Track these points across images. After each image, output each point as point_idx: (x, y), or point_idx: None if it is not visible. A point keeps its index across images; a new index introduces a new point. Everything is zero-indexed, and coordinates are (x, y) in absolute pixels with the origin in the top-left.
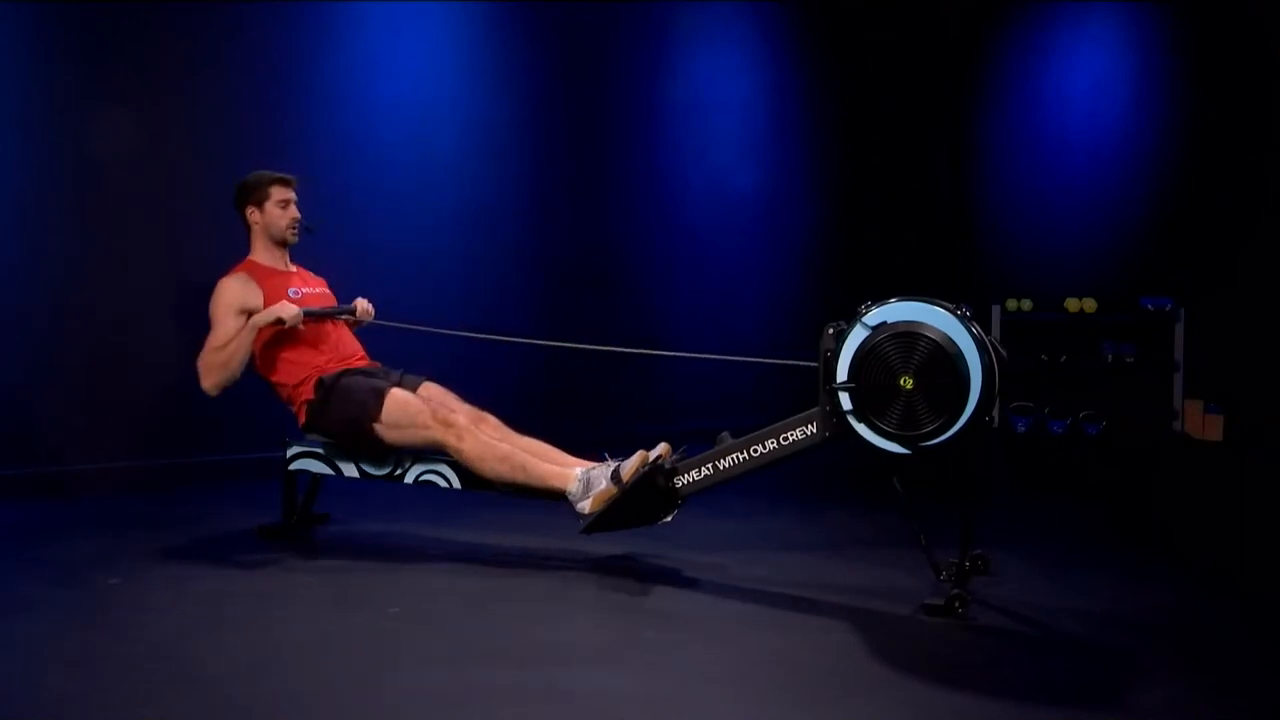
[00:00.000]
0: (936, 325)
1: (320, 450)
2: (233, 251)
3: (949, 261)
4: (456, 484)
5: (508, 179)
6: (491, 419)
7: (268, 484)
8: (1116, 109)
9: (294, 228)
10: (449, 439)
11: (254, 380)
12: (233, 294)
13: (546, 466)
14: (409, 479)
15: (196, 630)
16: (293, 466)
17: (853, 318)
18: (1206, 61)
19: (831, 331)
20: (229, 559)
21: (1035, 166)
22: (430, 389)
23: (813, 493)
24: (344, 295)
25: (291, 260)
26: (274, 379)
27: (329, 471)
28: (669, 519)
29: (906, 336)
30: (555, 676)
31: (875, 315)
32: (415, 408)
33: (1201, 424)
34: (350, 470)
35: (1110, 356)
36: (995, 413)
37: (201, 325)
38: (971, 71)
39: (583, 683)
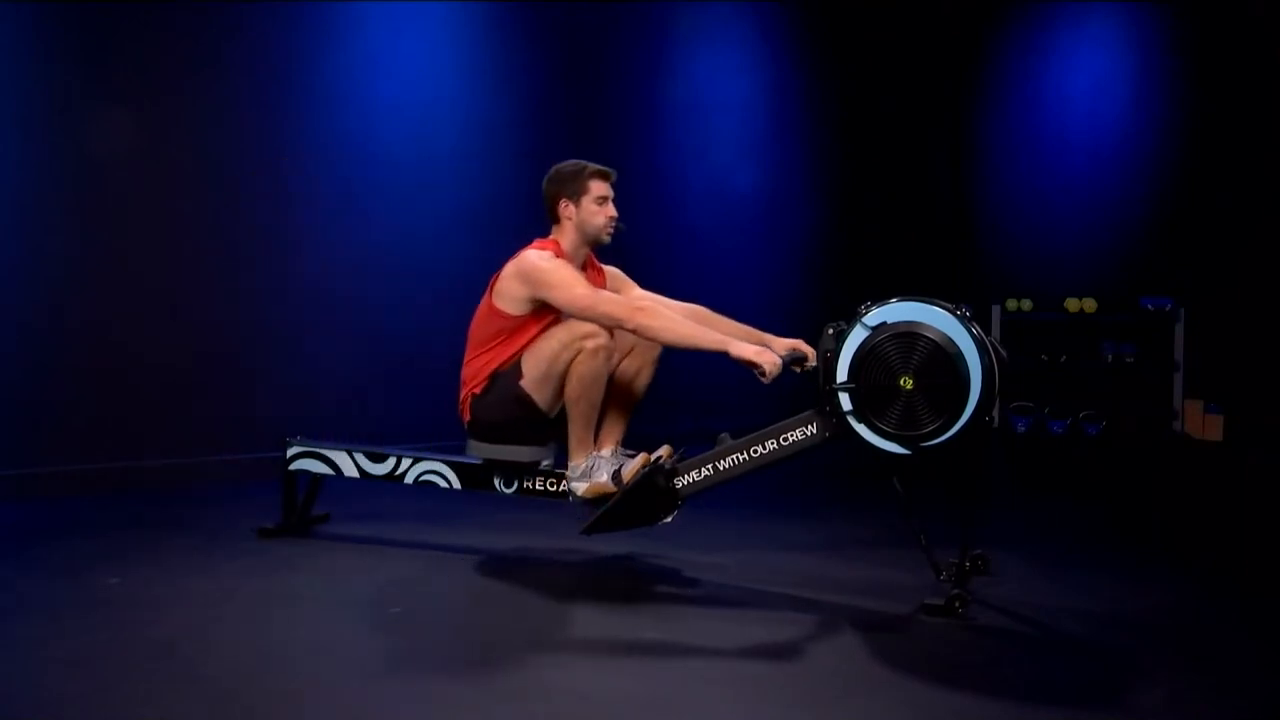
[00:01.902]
0: (936, 325)
1: (320, 450)
2: (233, 249)
3: (949, 261)
4: (456, 484)
5: (508, 179)
6: (651, 352)
7: (268, 484)
8: (1116, 109)
9: (611, 228)
10: (575, 350)
11: (254, 380)
12: (576, 271)
13: (587, 433)
14: (409, 479)
15: (196, 630)
16: (293, 466)
17: (853, 318)
18: (1206, 61)
19: (831, 331)
20: (229, 559)
21: (1035, 166)
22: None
23: (813, 493)
24: (347, 297)
25: (599, 265)
26: (467, 368)
27: (329, 471)
28: (669, 519)
29: (906, 337)
30: (555, 676)
31: (875, 315)
32: (543, 341)
33: (1201, 424)
34: (350, 470)
35: (1110, 356)
36: (995, 413)
37: (201, 326)
38: (971, 71)
39: (583, 683)
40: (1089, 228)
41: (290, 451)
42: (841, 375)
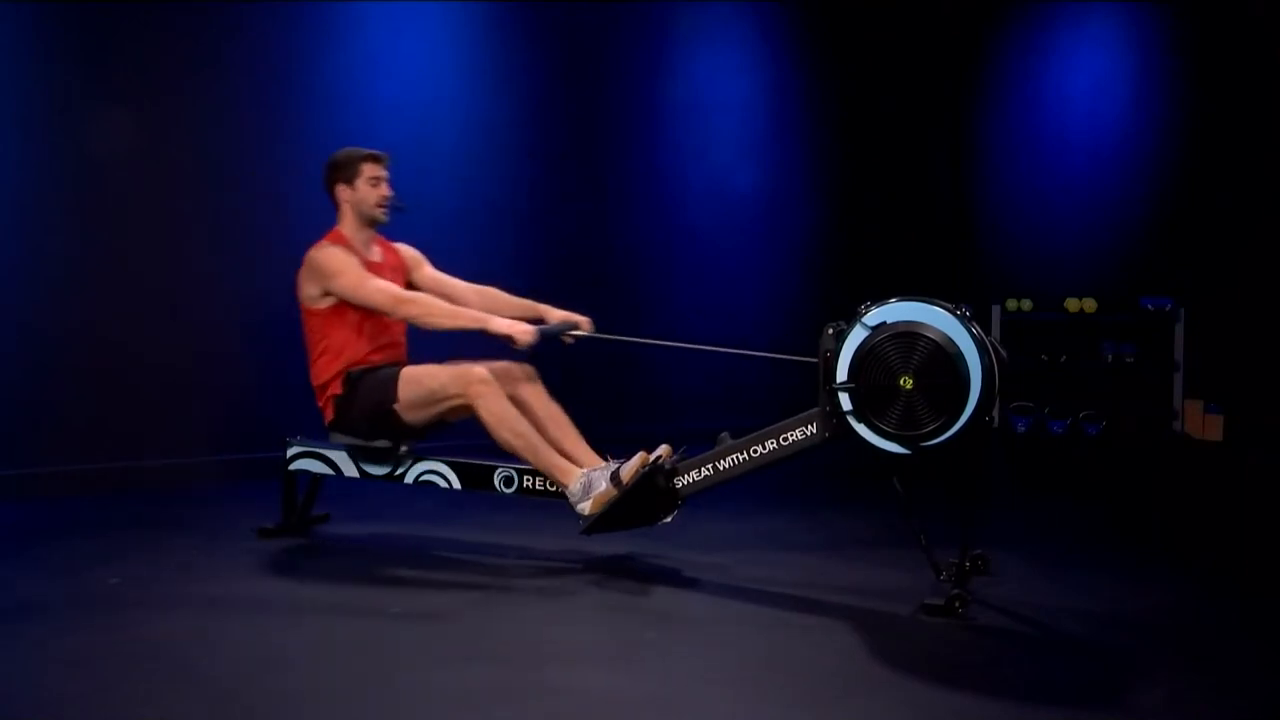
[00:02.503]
0: (936, 325)
1: (320, 450)
2: (232, 250)
3: (949, 261)
4: (456, 484)
5: (508, 179)
6: (527, 374)
7: (268, 484)
8: (1116, 109)
9: (384, 206)
10: (470, 399)
11: (254, 380)
12: (352, 258)
13: (555, 458)
14: (409, 479)
15: (196, 630)
16: (293, 466)
17: (852, 318)
18: (1206, 61)
19: (831, 331)
20: (229, 559)
21: (1035, 166)
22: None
23: (813, 493)
24: None
25: (384, 241)
26: (315, 369)
27: (329, 471)
28: (669, 519)
29: (906, 337)
30: (555, 676)
31: (875, 315)
32: (428, 376)
33: (1201, 424)
34: (350, 470)
35: (1110, 356)
36: (995, 413)
37: (201, 326)
38: (971, 71)
39: (583, 683)
40: (1089, 228)
41: (290, 451)
42: (841, 375)
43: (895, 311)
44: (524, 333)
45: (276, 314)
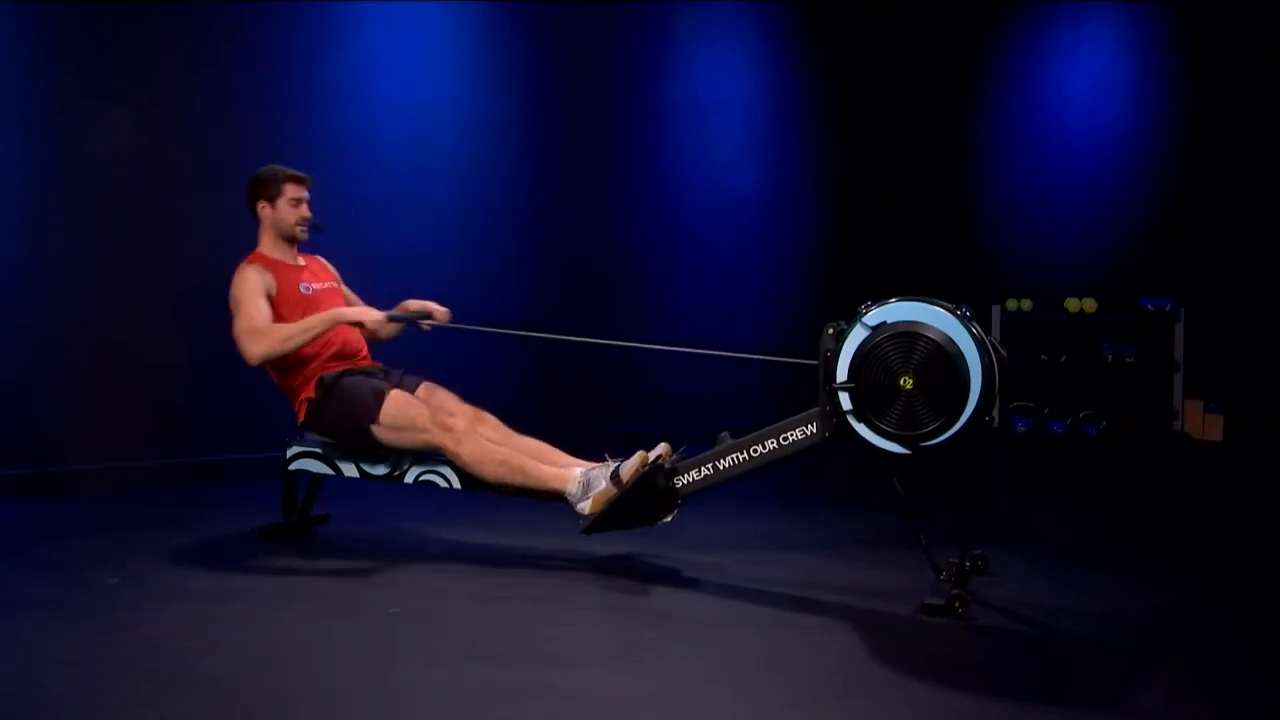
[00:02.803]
0: (936, 325)
1: (320, 450)
2: (232, 250)
3: (949, 261)
4: (456, 484)
5: (508, 179)
6: (490, 419)
7: (268, 484)
8: (1116, 109)
9: (304, 226)
10: (447, 443)
11: (254, 380)
12: (256, 280)
13: (545, 469)
14: (409, 479)
15: (197, 630)
16: (293, 466)
17: (853, 318)
18: (1206, 61)
19: (831, 331)
20: (229, 559)
21: (1035, 166)
22: (430, 390)
23: (813, 493)
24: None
25: (300, 253)
26: (277, 374)
27: (329, 471)
28: (669, 519)
29: (906, 337)
30: (555, 676)
31: (875, 315)
32: (414, 410)
33: (1201, 424)
34: (350, 470)
35: (1110, 356)
36: (995, 413)
37: (201, 326)
38: (971, 71)
39: (583, 683)
40: (1089, 228)
41: (290, 451)
42: (841, 375)
43: (895, 311)
44: (374, 320)
45: None
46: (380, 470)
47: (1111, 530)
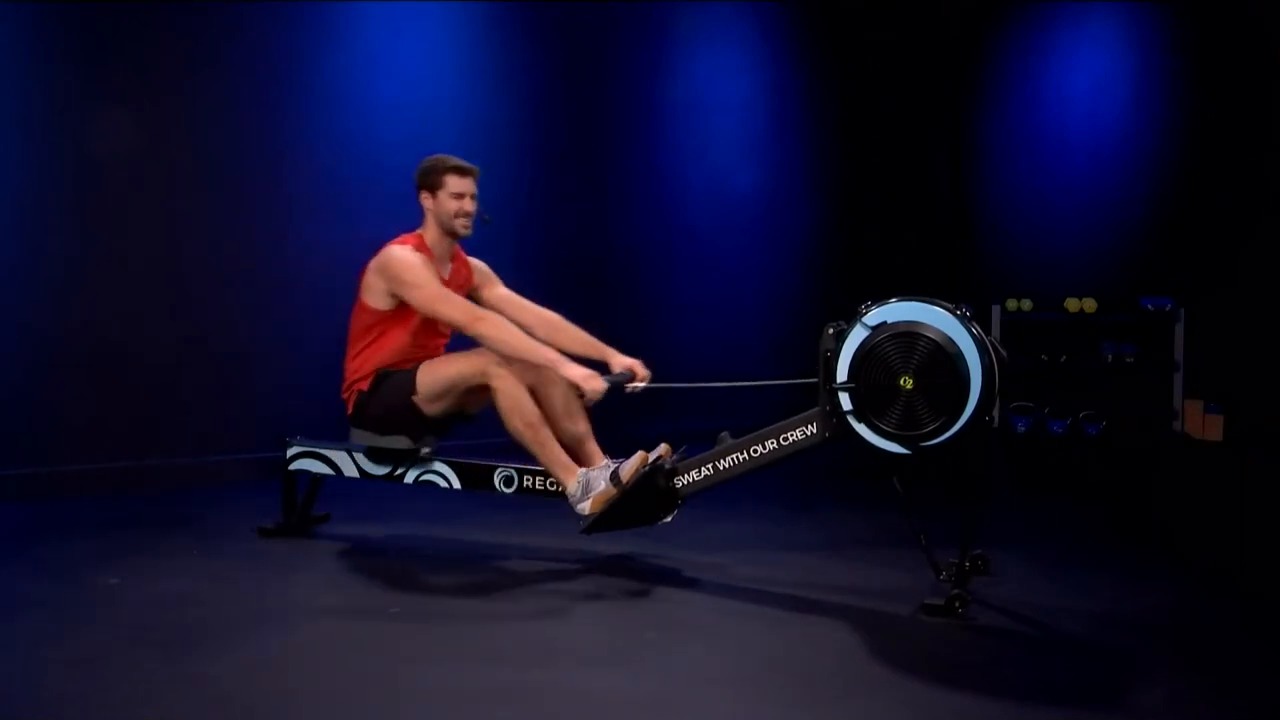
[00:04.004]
0: (936, 325)
1: (320, 450)
2: (232, 250)
3: (949, 261)
4: (456, 484)
5: (507, 179)
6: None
7: (268, 484)
8: (1116, 109)
9: (465, 220)
10: (490, 382)
11: (254, 380)
12: (428, 265)
13: (560, 455)
14: (409, 479)
15: (196, 630)
16: (293, 466)
17: (853, 318)
18: (1206, 61)
19: (831, 331)
20: (229, 559)
21: (1035, 166)
22: None
23: (813, 493)
24: (347, 297)
25: (460, 250)
26: (352, 362)
27: (329, 471)
28: (669, 519)
29: (906, 337)
30: (555, 676)
31: (875, 315)
32: (445, 364)
33: (1201, 424)
34: (350, 470)
35: (1110, 356)
36: (995, 413)
37: (201, 326)
38: (971, 71)
39: (583, 683)
40: (1089, 228)
41: (290, 451)
42: (841, 375)
43: (895, 311)
44: (594, 390)
45: (276, 313)
46: (380, 470)
47: (1111, 530)
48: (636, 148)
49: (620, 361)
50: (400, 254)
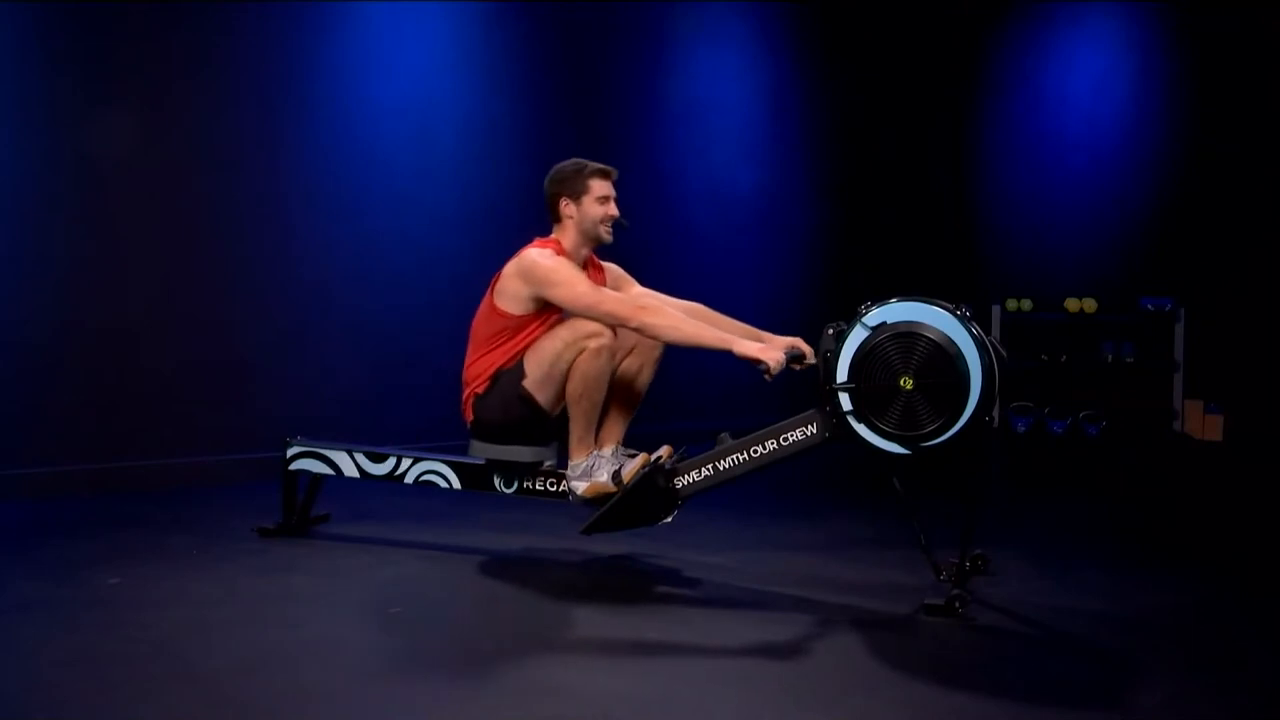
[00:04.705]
0: (936, 325)
1: (320, 450)
2: (232, 250)
3: (949, 261)
4: (456, 484)
5: (508, 179)
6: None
7: (268, 484)
8: (1116, 109)
9: (609, 226)
10: (584, 345)
11: (254, 380)
12: (574, 266)
13: (589, 432)
14: (409, 479)
15: (196, 630)
16: (293, 466)
17: (853, 318)
18: (1206, 61)
19: (831, 332)
20: (229, 559)
21: (1035, 166)
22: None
23: (813, 492)
24: (347, 297)
25: (596, 257)
26: (469, 369)
27: (329, 471)
28: (669, 519)
29: (906, 337)
30: (555, 676)
31: (875, 315)
32: (547, 340)
33: (1201, 424)
34: (350, 470)
35: (1110, 356)
36: (995, 413)
37: (202, 326)
38: (971, 71)
39: (583, 683)
40: (1089, 228)
41: (290, 451)
42: (841, 375)
43: (895, 311)
44: (776, 360)
45: (276, 313)
46: (380, 470)
47: (1111, 530)
48: (636, 148)
49: (782, 341)
50: (545, 258)
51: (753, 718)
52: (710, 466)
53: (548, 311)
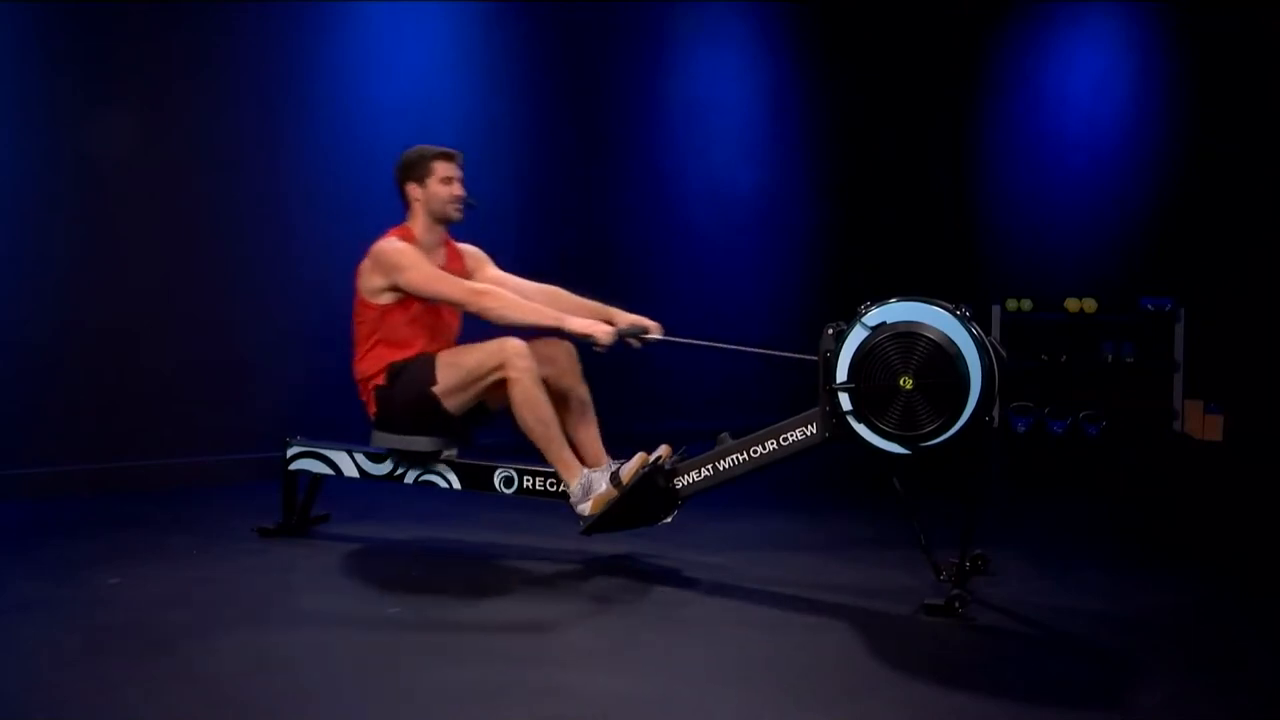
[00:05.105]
0: (936, 325)
1: (320, 450)
2: (232, 250)
3: (949, 261)
4: (456, 484)
5: (507, 179)
6: (569, 357)
7: (268, 484)
8: (1116, 109)
9: (457, 204)
10: (507, 374)
11: (254, 380)
12: (419, 251)
13: (567, 454)
14: (409, 479)
15: (196, 630)
16: (293, 466)
17: (852, 318)
18: (1206, 61)
19: (831, 332)
20: (229, 559)
21: (1035, 166)
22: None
23: (813, 493)
24: (347, 297)
25: (451, 240)
26: (360, 362)
27: (329, 471)
28: (669, 520)
29: (906, 337)
30: (555, 676)
31: (875, 315)
32: (464, 353)
33: (1201, 424)
34: (350, 470)
35: (1110, 356)
36: (995, 413)
37: (202, 326)
38: (971, 71)
39: (582, 683)
40: (1089, 228)
41: (290, 451)
42: (841, 375)
43: (895, 311)
44: (605, 333)
45: (276, 313)
46: (380, 470)
47: (1111, 530)
48: (636, 147)
49: (626, 318)
50: (390, 243)
51: (753, 718)
52: (710, 466)
53: (408, 300)
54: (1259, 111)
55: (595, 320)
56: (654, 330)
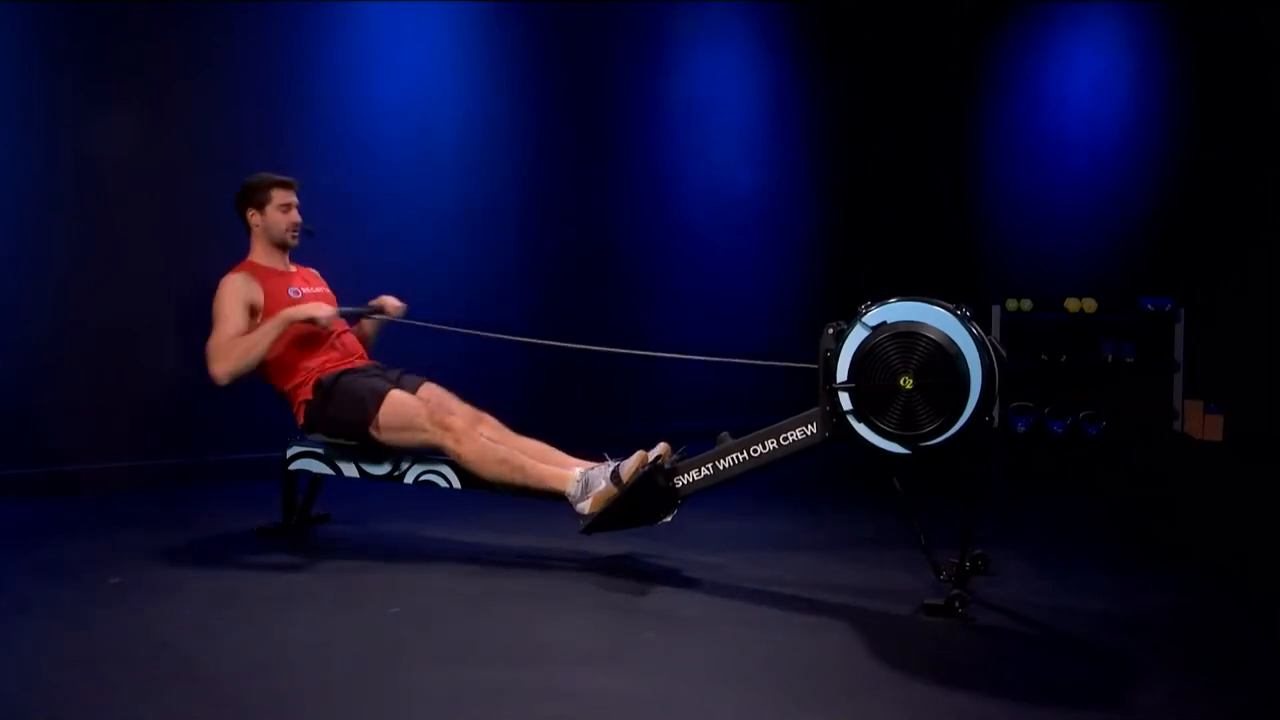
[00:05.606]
0: (936, 325)
1: (320, 450)
2: (233, 251)
3: (949, 261)
4: (456, 484)
5: (507, 179)
6: (490, 420)
7: (268, 484)
8: (1116, 109)
9: (294, 231)
10: (447, 441)
11: (255, 380)
12: (238, 290)
13: (545, 468)
14: (409, 479)
15: (196, 630)
16: (293, 466)
17: (853, 318)
18: (1206, 61)
19: (831, 331)
20: (229, 559)
21: (1035, 166)
22: (429, 390)
23: (813, 492)
24: (346, 295)
25: (291, 261)
26: (273, 379)
27: (329, 471)
28: (669, 519)
29: (906, 336)
30: (555, 676)
31: (875, 315)
32: (413, 410)
33: (1201, 424)
34: (350, 470)
35: (1110, 356)
36: (995, 413)
37: (201, 325)
38: (971, 71)
39: (583, 683)
40: (1089, 228)
41: (290, 451)
42: (841, 375)
43: (895, 311)
44: (327, 314)
45: None
46: (380, 470)
47: (1111, 530)
48: (636, 147)
49: (378, 300)
50: (223, 286)
51: (753, 718)
52: (710, 466)
53: (262, 315)
54: (1259, 111)
55: (318, 303)
56: (391, 309)
